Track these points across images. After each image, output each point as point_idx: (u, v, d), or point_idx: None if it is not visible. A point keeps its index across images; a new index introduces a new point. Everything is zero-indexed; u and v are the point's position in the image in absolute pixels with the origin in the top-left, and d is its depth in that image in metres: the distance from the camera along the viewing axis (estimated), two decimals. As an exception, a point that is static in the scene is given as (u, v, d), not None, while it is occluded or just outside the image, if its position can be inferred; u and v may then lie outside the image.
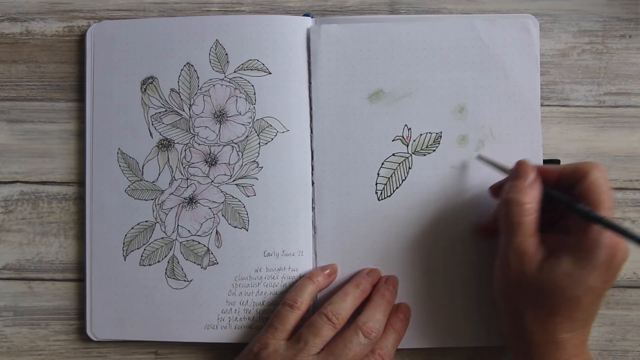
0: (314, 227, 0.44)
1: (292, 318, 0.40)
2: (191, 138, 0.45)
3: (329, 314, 0.40)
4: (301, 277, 0.43)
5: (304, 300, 0.41)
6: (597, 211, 0.36)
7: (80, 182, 0.46)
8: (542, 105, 0.45)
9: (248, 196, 0.44)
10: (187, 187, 0.44)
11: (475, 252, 0.43)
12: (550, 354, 0.36)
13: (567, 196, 0.37)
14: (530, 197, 0.38)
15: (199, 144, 0.45)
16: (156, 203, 0.44)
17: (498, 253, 0.39)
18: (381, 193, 0.44)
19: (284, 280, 0.44)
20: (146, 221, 0.44)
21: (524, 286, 0.37)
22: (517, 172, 0.39)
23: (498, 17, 0.45)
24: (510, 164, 0.40)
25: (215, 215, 0.44)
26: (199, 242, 0.44)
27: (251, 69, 0.45)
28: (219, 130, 0.45)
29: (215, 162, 0.45)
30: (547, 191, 0.38)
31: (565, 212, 0.38)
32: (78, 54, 0.47)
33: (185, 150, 0.45)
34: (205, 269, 0.44)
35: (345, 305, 0.40)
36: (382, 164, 0.44)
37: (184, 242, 0.44)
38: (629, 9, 0.46)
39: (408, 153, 0.44)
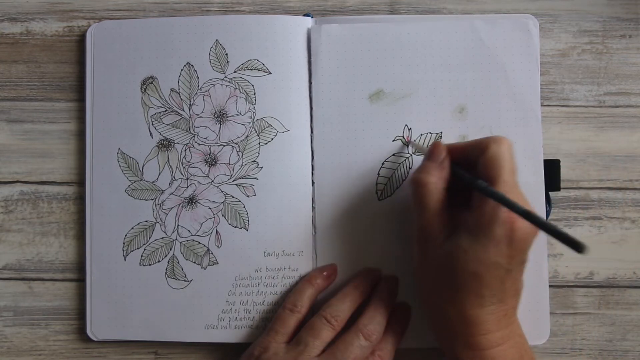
0: (314, 227, 0.44)
1: (293, 321, 0.40)
2: (191, 138, 0.45)
3: (328, 316, 0.40)
4: (301, 277, 0.43)
5: (304, 303, 0.41)
6: (493, 186, 0.35)
7: (80, 182, 0.46)
8: (542, 105, 0.45)
9: (248, 196, 0.44)
10: (187, 187, 0.44)
11: (475, 252, 0.43)
12: (464, 330, 0.37)
13: (470, 173, 0.37)
14: (435, 177, 0.38)
15: (199, 144, 0.45)
16: (156, 203, 0.44)
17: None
18: (381, 193, 0.44)
19: (284, 280, 0.44)
20: (146, 221, 0.44)
21: (430, 265, 0.38)
22: (428, 152, 0.39)
23: (498, 17, 0.45)
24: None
25: (215, 215, 0.44)
26: (199, 242, 0.44)
27: (251, 69, 0.45)
28: (219, 130, 0.45)
29: (215, 162, 0.45)
30: (454, 169, 0.38)
31: (471, 189, 0.38)
32: (78, 54, 0.47)
33: (185, 150, 0.45)
34: (205, 269, 0.44)
35: (344, 307, 0.40)
36: (383, 164, 0.44)
37: (184, 242, 0.44)
38: (629, 9, 0.46)
39: (408, 153, 0.44)
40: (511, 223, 0.34)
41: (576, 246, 0.28)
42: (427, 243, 0.38)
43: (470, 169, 0.38)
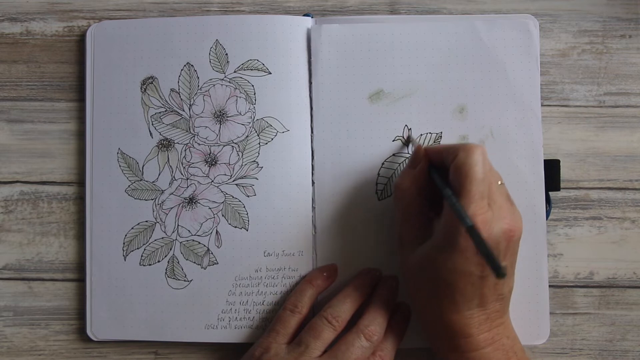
0: (314, 227, 0.44)
1: (293, 322, 0.40)
2: (191, 138, 0.45)
3: (329, 316, 0.40)
4: (301, 278, 0.43)
5: (304, 304, 0.41)
6: (458, 195, 0.34)
7: (80, 182, 0.46)
8: (542, 105, 0.45)
9: (248, 196, 0.44)
10: (187, 187, 0.44)
11: (475, 252, 0.43)
12: (445, 333, 0.37)
13: (443, 179, 0.37)
14: (408, 183, 0.38)
15: (199, 144, 0.45)
16: (156, 203, 0.44)
17: None
18: (381, 193, 0.44)
19: (284, 280, 0.44)
20: (146, 221, 0.44)
21: (407, 270, 0.38)
22: (409, 158, 0.40)
23: (498, 18, 0.45)
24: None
25: (215, 215, 0.44)
26: (199, 242, 0.44)
27: (251, 69, 0.45)
28: (219, 130, 0.45)
29: (215, 162, 0.45)
30: (431, 174, 0.38)
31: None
32: (78, 54, 0.47)
33: (185, 150, 0.45)
34: (205, 269, 0.44)
35: (345, 308, 0.40)
36: (383, 164, 0.44)
37: (184, 242, 0.44)
38: (629, 9, 0.46)
39: (408, 153, 0.44)
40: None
41: (497, 271, 0.30)
42: (402, 249, 0.39)
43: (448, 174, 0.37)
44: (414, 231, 0.38)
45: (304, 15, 0.46)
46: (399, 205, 0.39)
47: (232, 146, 0.44)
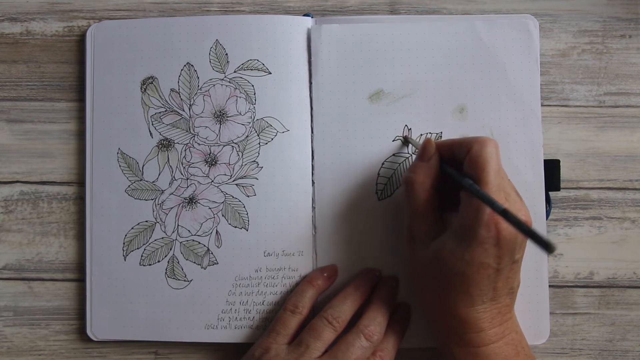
0: (314, 227, 0.44)
1: (294, 322, 0.40)
2: (191, 138, 0.45)
3: (329, 317, 0.40)
4: (301, 278, 0.43)
5: (305, 304, 0.41)
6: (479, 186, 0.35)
7: (80, 182, 0.46)
8: (542, 105, 0.45)
9: (248, 196, 0.44)
10: (187, 187, 0.44)
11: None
12: (456, 328, 0.37)
13: (458, 171, 0.37)
14: (422, 176, 0.38)
15: (199, 144, 0.45)
16: (156, 203, 0.44)
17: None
18: (381, 193, 0.44)
19: (284, 280, 0.44)
20: (146, 221, 0.44)
21: (419, 264, 0.38)
22: (418, 151, 0.39)
23: (498, 18, 0.45)
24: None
25: (215, 215, 0.44)
26: (199, 242, 0.44)
27: (251, 69, 0.45)
28: (219, 130, 0.45)
29: (215, 162, 0.45)
30: (443, 167, 0.38)
31: (460, 188, 0.37)
32: (78, 54, 0.47)
33: (185, 150, 0.45)
34: (205, 269, 0.44)
35: (345, 308, 0.40)
36: (383, 164, 0.44)
37: (184, 242, 0.44)
38: (629, 9, 0.46)
39: (408, 153, 0.44)
40: (496, 224, 0.34)
41: (547, 247, 0.29)
42: (414, 242, 0.39)
43: (460, 167, 0.37)
44: (426, 226, 0.38)
45: (304, 15, 0.46)
46: (412, 200, 0.38)
47: (232, 146, 0.44)
